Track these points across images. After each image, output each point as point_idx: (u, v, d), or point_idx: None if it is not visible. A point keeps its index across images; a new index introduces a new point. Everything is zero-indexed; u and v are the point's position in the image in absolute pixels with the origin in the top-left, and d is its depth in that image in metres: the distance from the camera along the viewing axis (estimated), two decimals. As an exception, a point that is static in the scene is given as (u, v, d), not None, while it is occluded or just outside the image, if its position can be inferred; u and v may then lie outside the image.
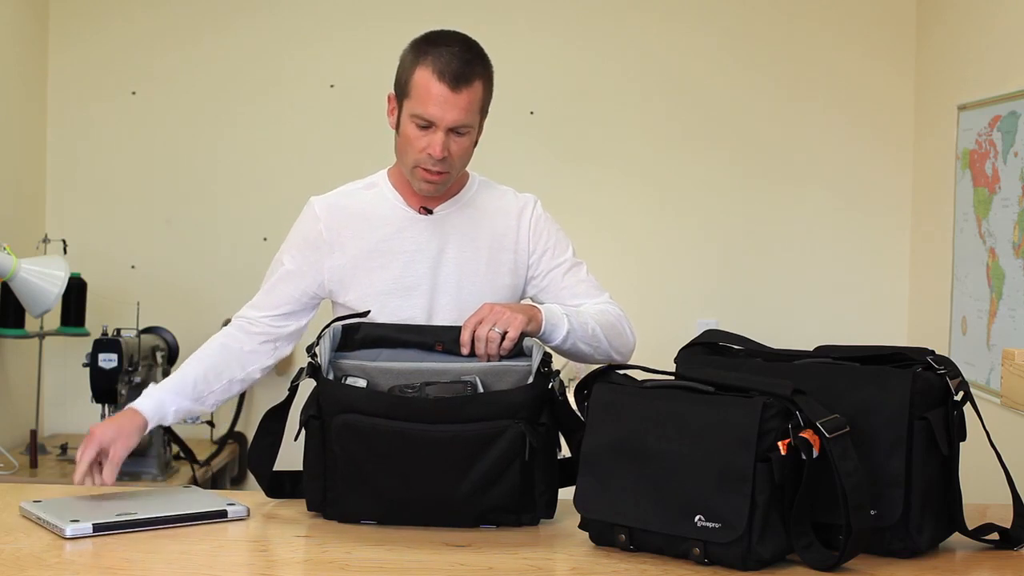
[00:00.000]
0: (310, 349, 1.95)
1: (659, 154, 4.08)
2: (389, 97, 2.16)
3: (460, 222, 2.21)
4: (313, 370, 1.92)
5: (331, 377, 1.92)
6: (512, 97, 4.04)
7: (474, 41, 2.13)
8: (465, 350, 1.96)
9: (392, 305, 2.16)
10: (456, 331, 2.00)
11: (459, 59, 2.06)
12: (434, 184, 2.13)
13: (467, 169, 2.25)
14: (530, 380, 1.89)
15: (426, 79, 2.06)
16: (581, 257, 2.29)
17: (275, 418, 2.02)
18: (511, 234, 2.23)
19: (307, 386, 1.95)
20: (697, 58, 4.08)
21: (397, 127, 2.15)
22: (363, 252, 2.18)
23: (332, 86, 4.08)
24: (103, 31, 4.08)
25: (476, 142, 2.16)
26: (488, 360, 1.95)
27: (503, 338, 1.96)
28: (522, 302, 2.23)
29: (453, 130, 2.08)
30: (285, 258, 2.24)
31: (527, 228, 2.24)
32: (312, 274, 2.21)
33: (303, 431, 1.93)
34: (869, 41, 4.07)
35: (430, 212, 2.20)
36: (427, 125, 2.07)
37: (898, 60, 4.05)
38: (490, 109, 2.16)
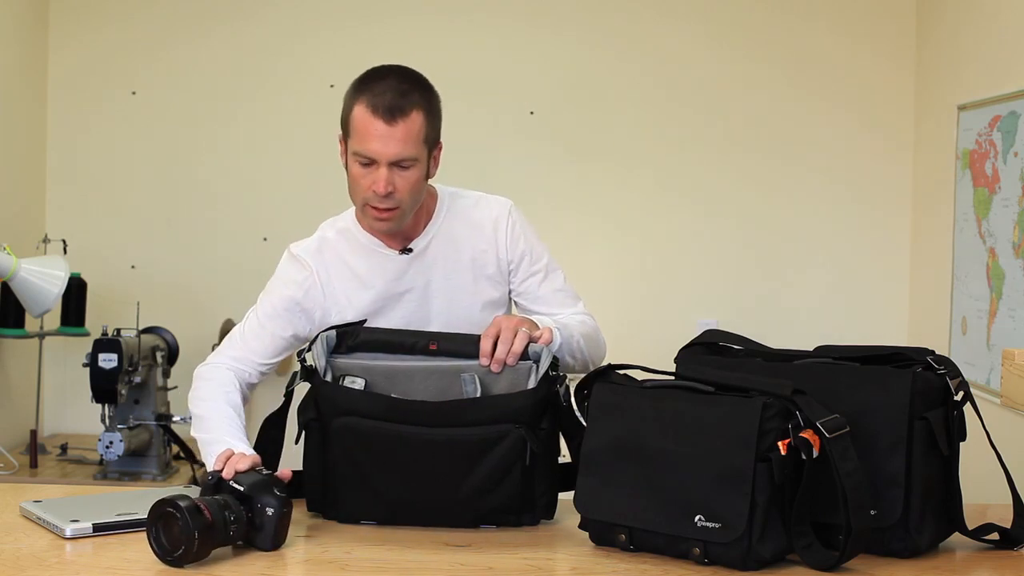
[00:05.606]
0: (300, 354, 1.94)
1: (659, 154, 4.08)
2: (339, 139, 2.12)
3: (439, 251, 2.17)
4: (308, 373, 1.91)
5: (329, 378, 1.91)
6: (512, 97, 4.04)
7: (412, 71, 2.08)
8: (485, 360, 1.91)
9: None
10: (452, 335, 1.98)
11: (393, 91, 2.01)
12: (386, 222, 2.07)
13: (434, 185, 2.20)
14: (531, 384, 1.89)
15: (362, 115, 2.02)
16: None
17: (274, 424, 2.01)
18: (491, 249, 2.19)
19: (303, 387, 1.95)
20: (696, 58, 4.07)
21: (347, 167, 2.10)
22: (358, 308, 2.13)
23: (332, 86, 4.06)
24: (103, 31, 4.08)
25: (429, 175, 2.10)
26: (505, 363, 1.91)
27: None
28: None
29: (396, 164, 2.02)
30: (274, 300, 2.15)
31: (504, 238, 2.19)
32: (305, 319, 2.15)
33: (303, 434, 1.93)
34: (869, 41, 4.07)
35: (410, 251, 2.15)
36: (369, 162, 2.03)
37: (898, 60, 4.05)
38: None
